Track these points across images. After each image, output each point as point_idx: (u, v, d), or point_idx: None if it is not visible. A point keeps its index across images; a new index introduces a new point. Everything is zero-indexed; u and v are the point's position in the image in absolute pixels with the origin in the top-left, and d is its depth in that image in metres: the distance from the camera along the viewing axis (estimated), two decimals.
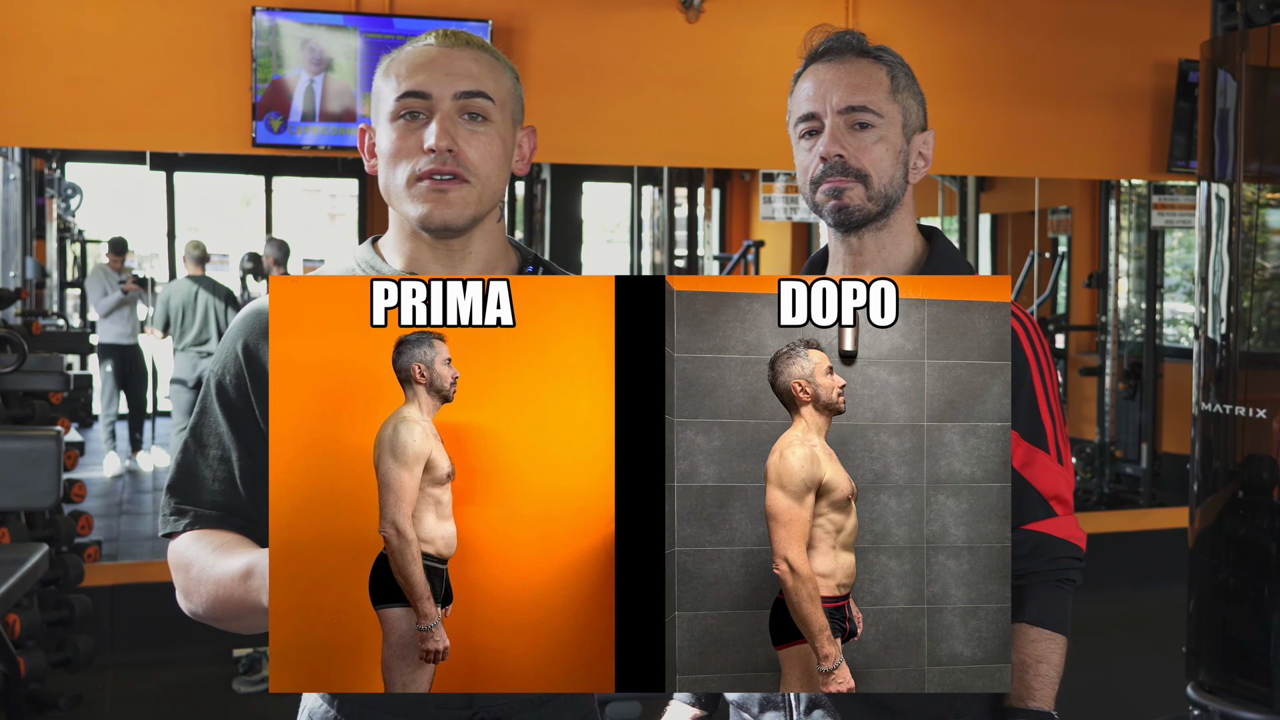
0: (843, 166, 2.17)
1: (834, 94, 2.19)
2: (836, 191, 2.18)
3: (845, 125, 2.19)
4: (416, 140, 1.94)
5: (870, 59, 2.23)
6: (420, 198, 1.94)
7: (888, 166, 2.20)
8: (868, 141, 2.19)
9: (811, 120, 2.21)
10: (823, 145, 2.18)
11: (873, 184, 2.18)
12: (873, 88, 2.20)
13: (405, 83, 1.95)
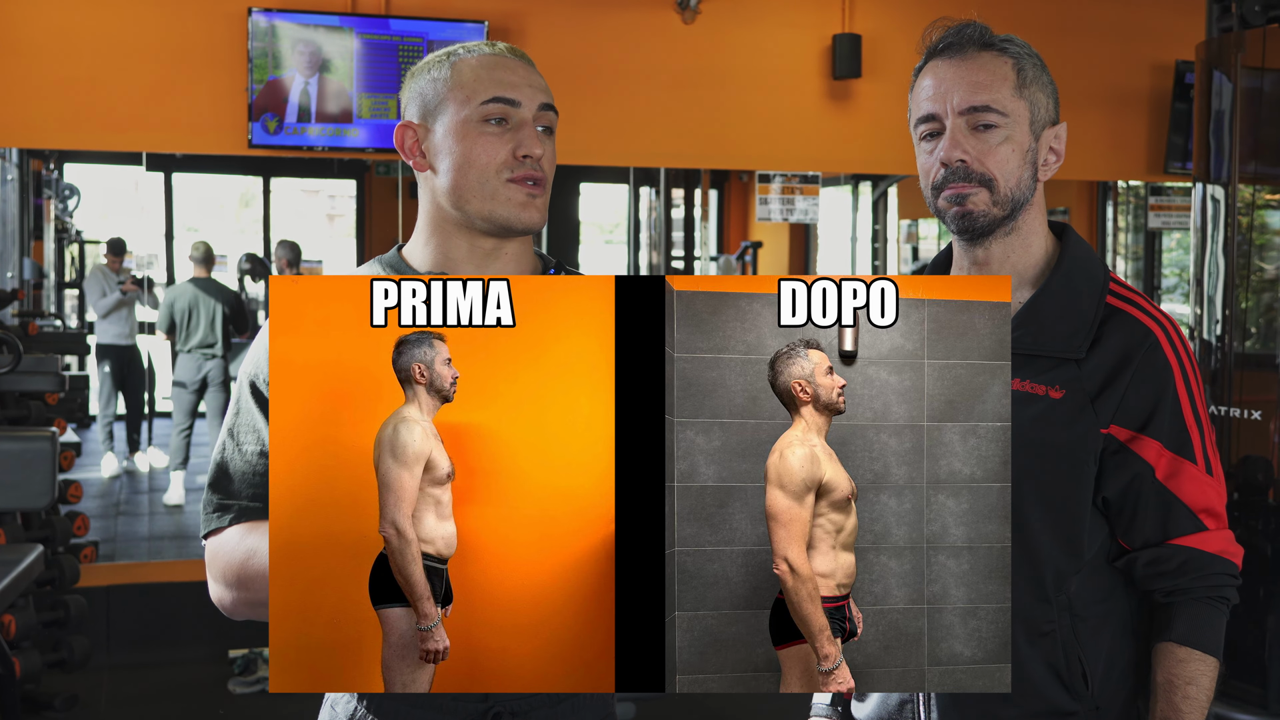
0: (965, 172, 2.06)
1: (955, 93, 2.07)
2: (959, 198, 2.06)
3: (967, 127, 2.06)
4: (503, 144, 1.97)
5: (995, 52, 2.10)
6: (511, 200, 1.97)
7: (1014, 168, 2.08)
8: (992, 143, 2.06)
9: (931, 122, 2.09)
10: (943, 149, 2.06)
11: (998, 188, 2.06)
12: (996, 84, 2.08)
13: (494, 88, 1.98)
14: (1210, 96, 5.00)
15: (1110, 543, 2.09)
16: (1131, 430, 2.06)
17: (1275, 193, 4.82)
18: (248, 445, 1.99)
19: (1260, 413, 4.78)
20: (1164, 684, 2.04)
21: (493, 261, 2.01)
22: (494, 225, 1.97)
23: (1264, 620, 4.74)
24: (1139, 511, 2.07)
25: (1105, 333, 2.07)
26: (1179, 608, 2.06)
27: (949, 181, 2.05)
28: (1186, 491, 2.07)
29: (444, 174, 1.99)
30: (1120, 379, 2.05)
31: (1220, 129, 4.95)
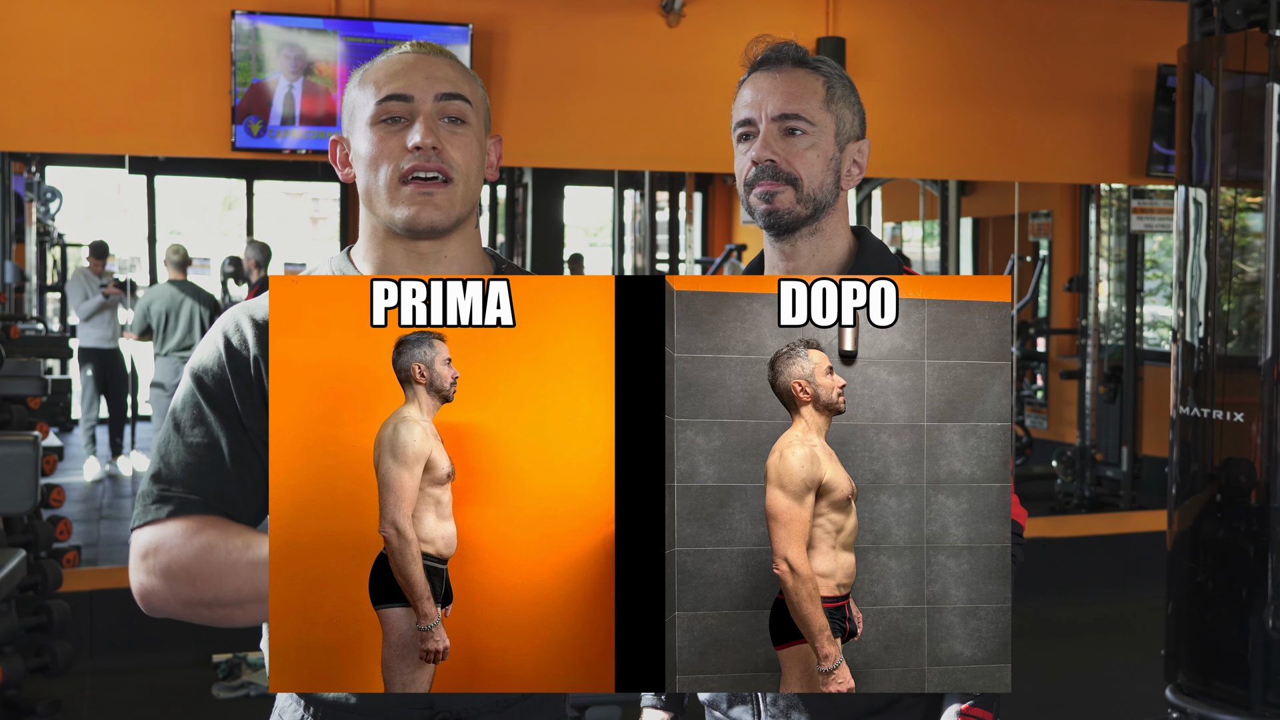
0: (774, 170, 2.23)
1: (769, 102, 2.26)
2: (768, 195, 2.24)
3: (779, 131, 2.25)
4: (399, 142, 1.94)
5: (807, 69, 2.30)
6: (406, 200, 1.94)
7: (818, 172, 2.25)
8: (799, 147, 2.25)
9: (747, 125, 2.28)
10: (755, 150, 2.25)
11: (803, 187, 2.24)
12: (807, 97, 2.27)
13: (386, 87, 1.96)
14: (1192, 100, 5.02)
15: None
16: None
17: (1257, 195, 4.84)
18: (190, 437, 1.94)
19: (1242, 415, 4.80)
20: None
21: (434, 265, 2.00)
22: (401, 228, 1.95)
23: (1246, 622, 4.75)
24: None
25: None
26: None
27: (759, 179, 2.25)
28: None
29: (359, 180, 1.99)
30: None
31: (1202, 132, 4.97)
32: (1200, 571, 4.96)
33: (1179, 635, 5.00)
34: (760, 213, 2.25)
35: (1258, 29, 4.80)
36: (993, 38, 7.77)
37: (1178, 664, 4.98)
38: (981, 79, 7.75)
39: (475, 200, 2.03)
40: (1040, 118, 7.85)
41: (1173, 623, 5.04)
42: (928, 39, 7.67)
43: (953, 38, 7.71)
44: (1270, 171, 4.68)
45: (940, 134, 7.58)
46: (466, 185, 1.97)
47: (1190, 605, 4.98)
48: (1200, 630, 4.93)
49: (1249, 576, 4.77)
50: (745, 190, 2.28)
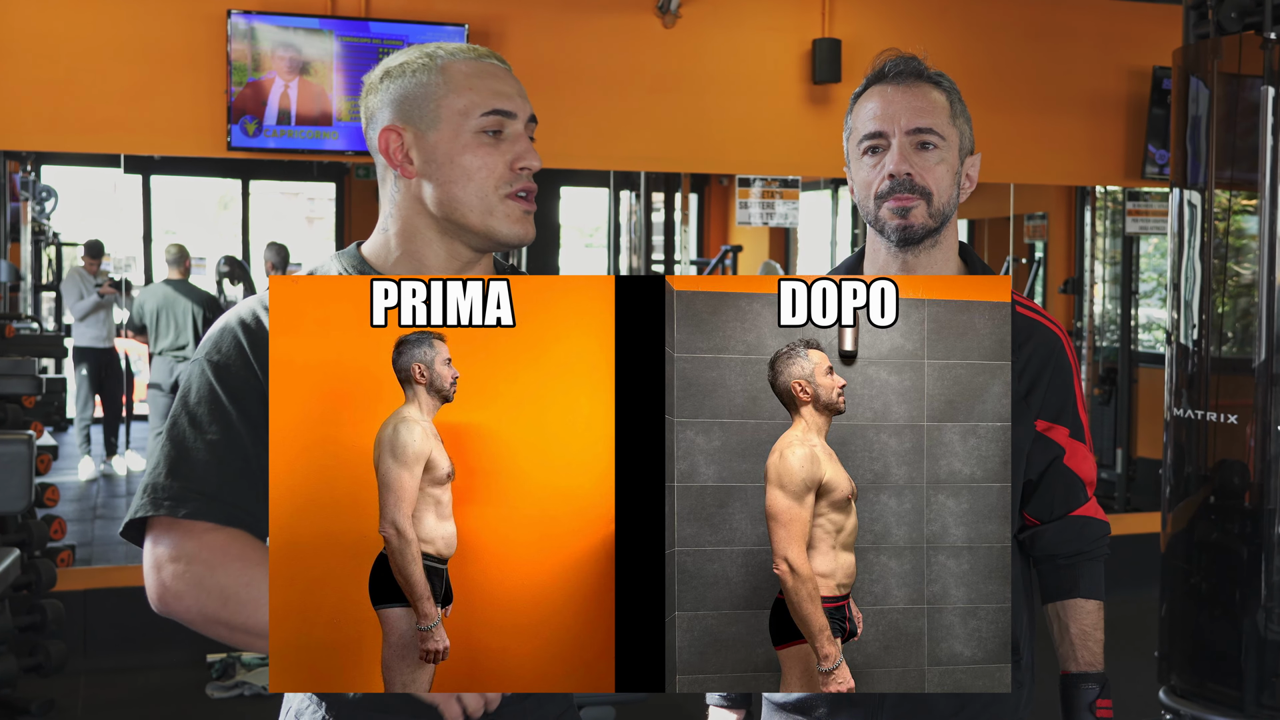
0: (910, 184, 2.26)
1: (902, 115, 2.28)
2: (903, 210, 2.26)
3: (912, 145, 2.28)
4: (500, 157, 1.96)
5: (932, 84, 2.34)
6: (509, 216, 1.96)
7: (947, 186, 2.29)
8: (931, 161, 2.28)
9: (877, 139, 2.29)
10: (891, 163, 2.26)
11: (934, 201, 2.27)
12: (937, 111, 2.31)
13: (492, 99, 1.97)
14: (1187, 102, 5.02)
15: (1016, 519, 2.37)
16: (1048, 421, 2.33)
17: (1251, 198, 4.85)
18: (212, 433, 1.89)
19: (1236, 417, 4.81)
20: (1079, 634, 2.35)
21: (468, 270, 2.00)
22: (489, 241, 1.97)
23: (1240, 623, 4.76)
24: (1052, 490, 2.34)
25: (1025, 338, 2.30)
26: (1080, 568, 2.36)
27: (894, 192, 2.27)
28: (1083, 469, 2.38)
29: (439, 185, 1.96)
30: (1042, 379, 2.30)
31: (1197, 135, 4.97)
32: (1194, 573, 4.96)
33: (1172, 637, 5.01)
34: (893, 227, 2.27)
35: (1252, 32, 4.81)
36: (988, 40, 7.78)
37: (1171, 665, 4.99)
38: (977, 81, 7.75)
39: None
40: (1036, 120, 7.86)
41: (1166, 624, 5.05)
42: (923, 41, 7.62)
43: (949, 40, 7.71)
44: (1265, 174, 4.69)
45: None
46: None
47: (1184, 607, 4.99)
48: (1194, 632, 4.94)
49: (1242, 578, 4.77)
50: (875, 203, 2.29)
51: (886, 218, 2.27)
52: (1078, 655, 2.34)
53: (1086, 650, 2.34)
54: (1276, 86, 4.67)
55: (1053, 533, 2.36)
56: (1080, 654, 2.34)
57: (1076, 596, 2.33)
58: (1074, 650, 2.34)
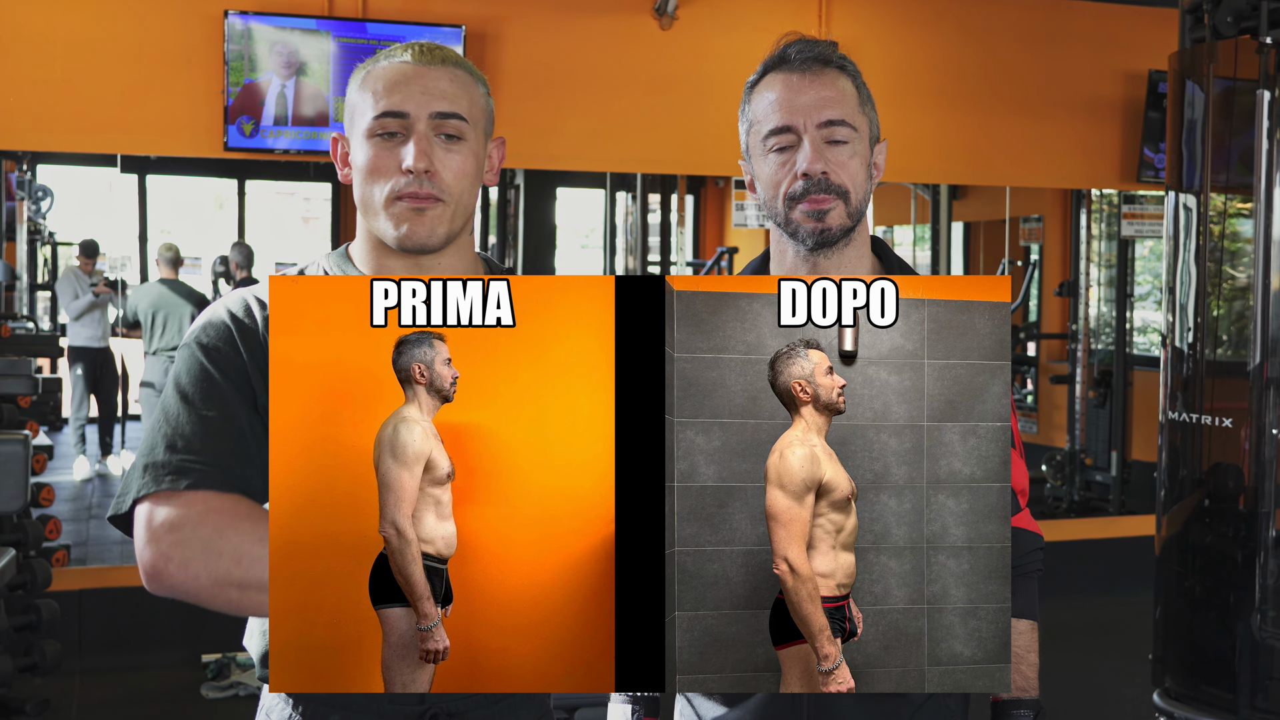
0: (825, 184, 2.09)
1: (811, 108, 2.10)
2: (819, 213, 2.10)
3: (824, 139, 2.10)
4: (394, 159, 1.94)
5: (838, 69, 2.15)
6: (397, 218, 1.94)
7: (862, 181, 2.13)
8: (845, 156, 2.11)
9: (785, 134, 2.11)
10: (805, 161, 2.08)
11: (852, 199, 2.11)
12: (847, 100, 2.12)
13: (383, 101, 1.95)
14: (1183, 106, 5.04)
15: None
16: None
17: (1246, 201, 4.86)
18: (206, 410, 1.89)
19: (1231, 420, 4.82)
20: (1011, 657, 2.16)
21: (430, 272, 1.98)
22: (392, 243, 1.96)
23: (1234, 626, 4.77)
24: None
25: None
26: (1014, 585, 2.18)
27: (809, 193, 2.09)
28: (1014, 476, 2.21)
29: (354, 188, 1.99)
30: None
31: (1192, 138, 4.99)
32: (1188, 576, 4.97)
33: (1167, 639, 5.02)
34: (809, 230, 2.10)
35: (1248, 36, 4.82)
36: (985, 42, 7.79)
37: (1165, 668, 5.00)
38: (973, 83, 7.77)
39: (469, 212, 2.03)
40: (1032, 122, 7.88)
41: (1160, 627, 5.06)
42: (920, 43, 7.69)
43: (945, 42, 7.73)
44: (1260, 177, 4.70)
45: (932, 138, 7.59)
46: (459, 204, 1.98)
47: (1178, 610, 5.00)
48: (1188, 634, 4.95)
49: (1236, 581, 4.79)
50: (785, 204, 2.12)
51: (801, 220, 2.10)
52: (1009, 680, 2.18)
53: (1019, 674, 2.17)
54: (1271, 90, 4.68)
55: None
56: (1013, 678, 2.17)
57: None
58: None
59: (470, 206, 2.02)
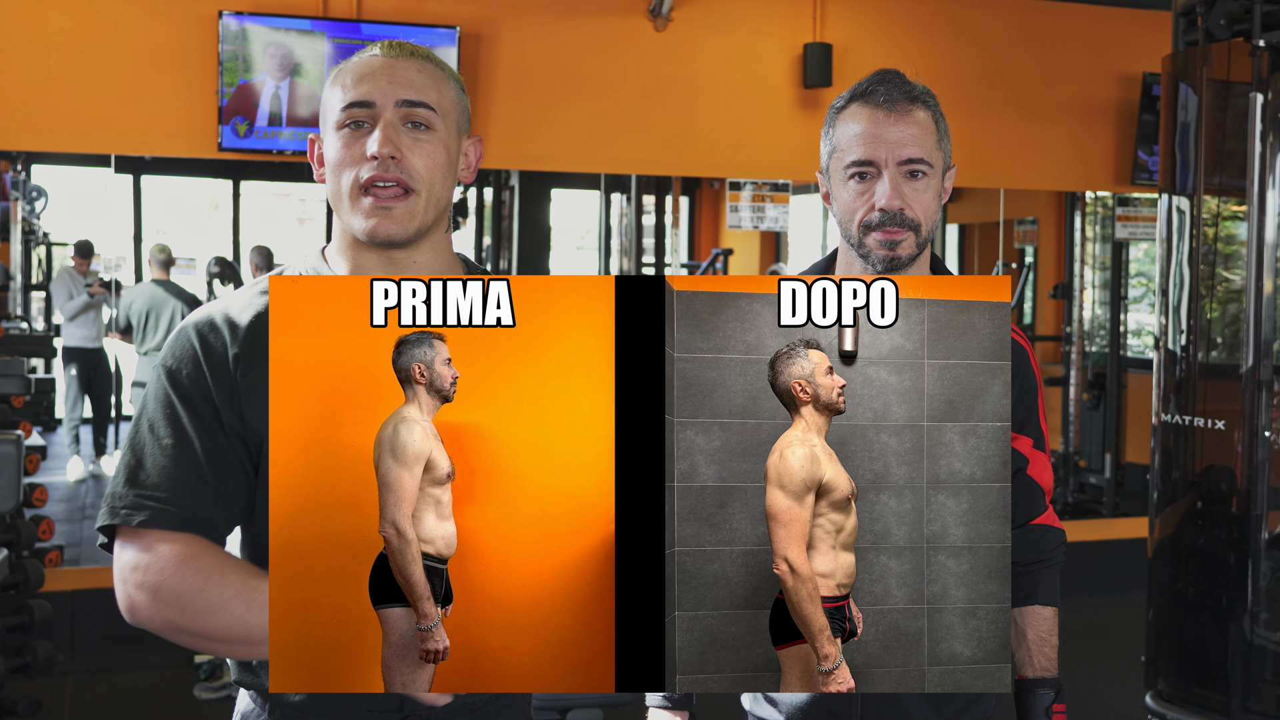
0: (900, 218, 2.18)
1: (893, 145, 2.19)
2: (892, 244, 2.18)
3: (902, 175, 2.19)
4: (360, 148, 1.92)
5: (921, 106, 2.25)
6: (365, 211, 1.92)
7: (933, 212, 2.23)
8: (920, 190, 2.20)
9: (867, 166, 2.20)
10: (884, 198, 2.17)
11: (922, 232, 2.20)
12: (926, 137, 2.22)
13: (350, 92, 1.94)
14: (1176, 109, 5.04)
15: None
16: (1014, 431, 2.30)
17: (1240, 204, 4.87)
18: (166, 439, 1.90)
19: (1224, 422, 4.82)
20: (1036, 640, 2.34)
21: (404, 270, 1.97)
22: (361, 237, 1.94)
23: (1227, 628, 4.77)
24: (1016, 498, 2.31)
25: None
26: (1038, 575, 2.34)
27: (884, 225, 2.18)
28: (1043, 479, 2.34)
29: (327, 184, 1.98)
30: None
31: (1186, 141, 4.99)
32: (1181, 578, 4.98)
33: (1160, 641, 5.02)
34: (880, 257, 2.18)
35: (1241, 39, 4.82)
36: (979, 45, 7.80)
37: (1158, 670, 5.00)
38: (968, 86, 7.78)
39: (443, 207, 1.99)
40: (1026, 125, 7.89)
41: (1154, 629, 5.06)
42: (914, 46, 7.70)
43: (939, 45, 7.73)
44: (1253, 180, 4.70)
45: None
46: (430, 194, 1.95)
47: (1171, 611, 5.00)
48: (1181, 636, 4.95)
49: (1229, 583, 4.79)
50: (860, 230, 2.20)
51: (873, 247, 2.19)
52: (1034, 660, 2.33)
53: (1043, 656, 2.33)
54: (1265, 93, 4.68)
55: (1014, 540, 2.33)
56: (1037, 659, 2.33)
57: (1035, 603, 2.33)
58: (1030, 656, 2.33)
59: (444, 200, 1.99)
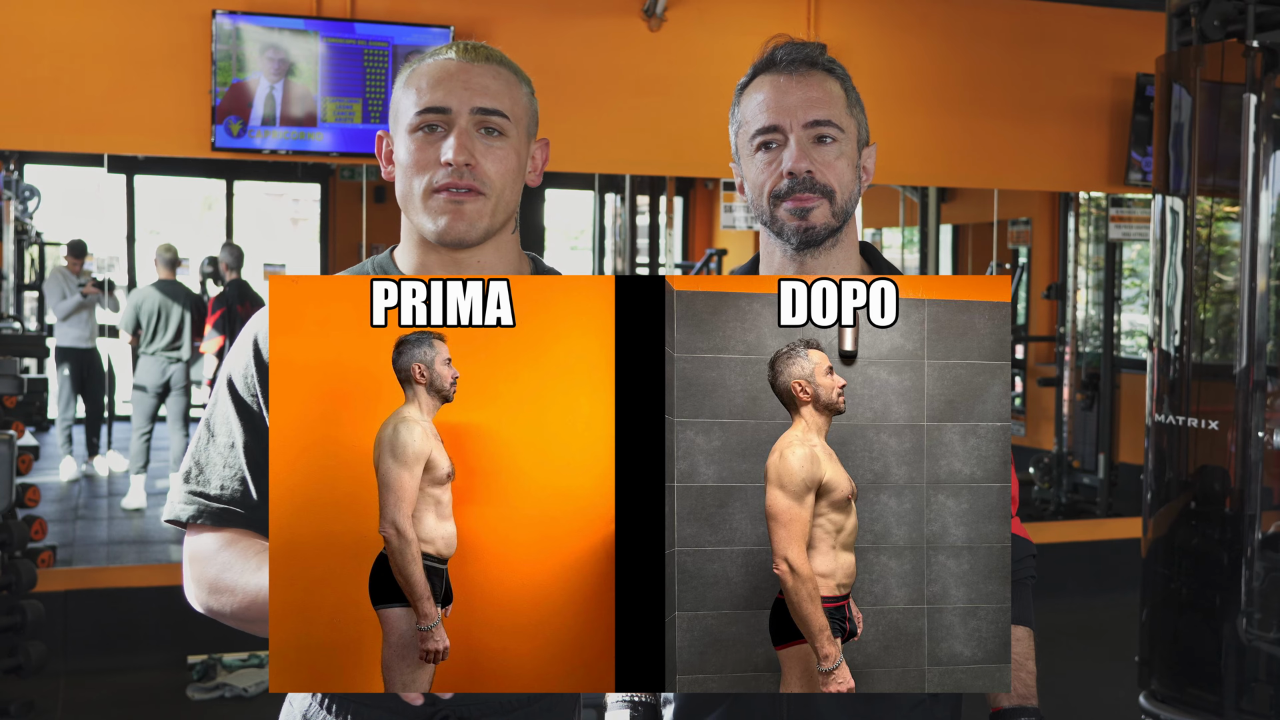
0: (810, 183, 2.12)
1: (798, 108, 2.13)
2: (802, 211, 2.12)
3: (810, 139, 2.13)
4: (434, 153, 1.95)
5: (825, 71, 2.18)
6: (437, 210, 1.95)
7: (849, 181, 2.15)
8: (831, 156, 2.13)
9: (772, 133, 2.14)
10: (790, 160, 2.11)
11: (837, 199, 2.13)
12: (834, 101, 2.15)
13: (425, 97, 1.96)
14: (1170, 109, 5.05)
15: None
16: None
17: (1233, 205, 4.87)
18: (220, 437, 2.03)
19: (1217, 423, 4.83)
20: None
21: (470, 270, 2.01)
22: (431, 237, 1.98)
23: (1220, 628, 4.78)
24: None
25: None
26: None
27: (794, 192, 2.12)
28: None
29: (397, 184, 2.01)
30: None
31: (1179, 141, 5.00)
32: (1174, 578, 4.98)
33: (1153, 641, 5.03)
34: (793, 229, 2.12)
35: (1235, 40, 4.83)
36: (973, 45, 7.81)
37: (1151, 670, 5.01)
38: (962, 86, 7.78)
39: (510, 210, 2.03)
40: (1020, 125, 7.89)
41: (1147, 629, 5.07)
42: (908, 46, 7.70)
43: (933, 45, 7.74)
44: (1246, 181, 4.71)
45: (920, 141, 7.61)
46: (500, 198, 1.98)
47: (1164, 612, 5.01)
48: (1174, 636, 4.96)
49: (1222, 583, 4.79)
50: (770, 202, 2.15)
51: (785, 219, 2.13)
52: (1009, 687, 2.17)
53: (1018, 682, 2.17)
54: (1258, 94, 4.69)
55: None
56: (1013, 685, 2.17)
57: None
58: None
59: (512, 204, 2.02)
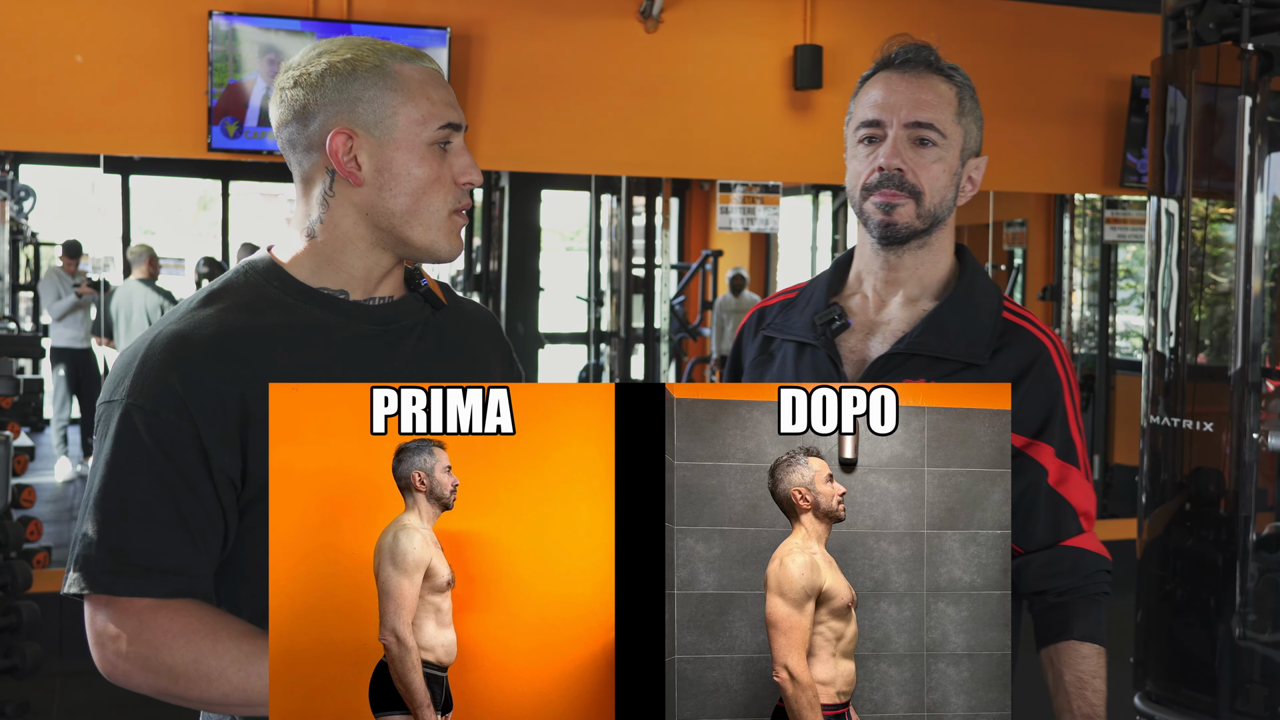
0: (900, 180, 2.16)
1: (903, 106, 2.19)
2: (888, 207, 2.17)
3: (908, 139, 2.17)
4: (449, 171, 1.94)
5: (942, 77, 2.24)
6: (451, 232, 1.97)
7: (941, 186, 2.19)
8: (927, 159, 2.18)
9: (874, 128, 2.19)
10: (883, 156, 2.17)
11: (924, 202, 2.17)
12: (941, 106, 2.21)
13: (445, 111, 1.94)
14: (1165, 112, 5.03)
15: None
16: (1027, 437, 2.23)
17: (1228, 207, 4.87)
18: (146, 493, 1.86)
19: (1212, 424, 4.84)
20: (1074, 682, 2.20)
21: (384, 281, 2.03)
22: (426, 254, 1.97)
23: (1215, 629, 4.80)
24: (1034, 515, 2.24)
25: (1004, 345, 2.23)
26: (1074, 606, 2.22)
27: (882, 186, 2.17)
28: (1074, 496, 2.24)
29: (390, 196, 1.94)
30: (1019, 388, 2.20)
31: (1175, 144, 4.99)
32: (1169, 580, 5.00)
33: (1148, 643, 5.04)
34: (876, 222, 2.17)
35: (1230, 42, 4.81)
36: (969, 47, 7.78)
37: (1146, 671, 5.03)
38: None
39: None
40: (1015, 127, 7.88)
41: (1142, 630, 5.09)
42: None
43: None
44: (1242, 183, 4.70)
45: None
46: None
47: (1159, 613, 5.02)
48: (1169, 638, 4.98)
49: (1217, 585, 4.81)
50: (861, 194, 2.19)
51: (870, 212, 2.18)
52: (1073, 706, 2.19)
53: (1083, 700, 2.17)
54: (1253, 96, 4.67)
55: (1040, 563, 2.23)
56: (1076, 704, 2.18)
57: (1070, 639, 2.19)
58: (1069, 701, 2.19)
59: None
